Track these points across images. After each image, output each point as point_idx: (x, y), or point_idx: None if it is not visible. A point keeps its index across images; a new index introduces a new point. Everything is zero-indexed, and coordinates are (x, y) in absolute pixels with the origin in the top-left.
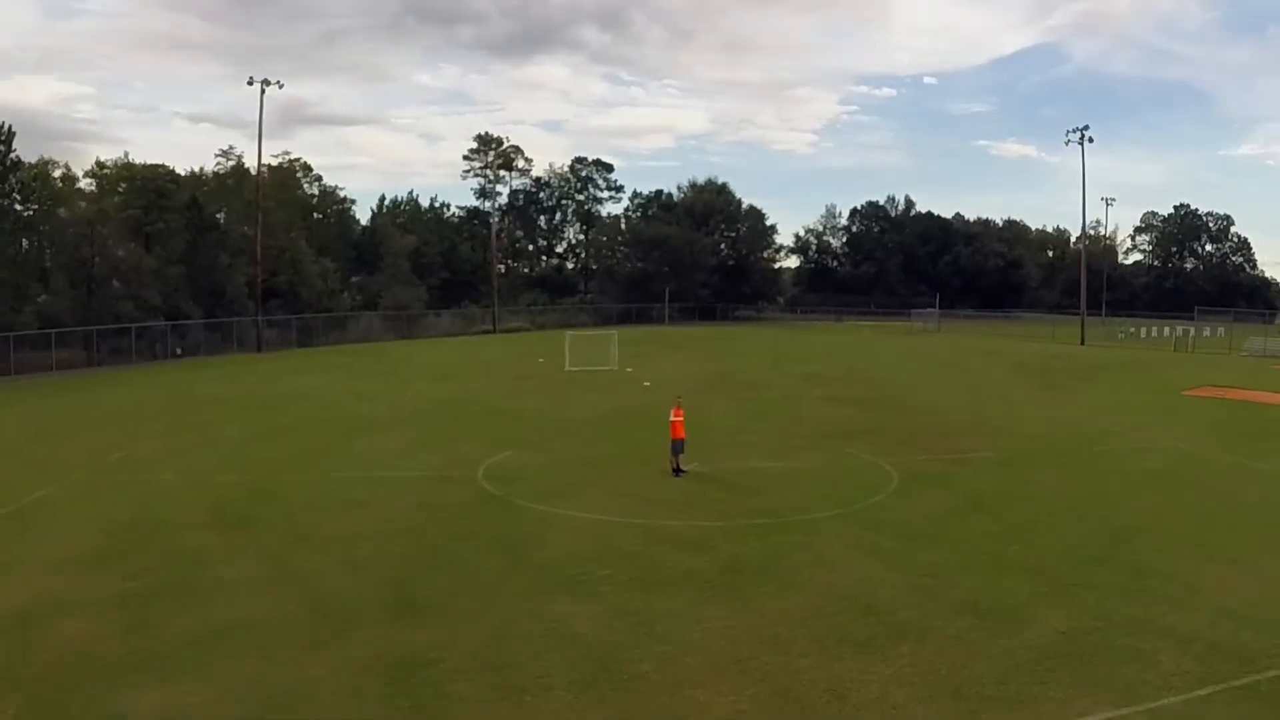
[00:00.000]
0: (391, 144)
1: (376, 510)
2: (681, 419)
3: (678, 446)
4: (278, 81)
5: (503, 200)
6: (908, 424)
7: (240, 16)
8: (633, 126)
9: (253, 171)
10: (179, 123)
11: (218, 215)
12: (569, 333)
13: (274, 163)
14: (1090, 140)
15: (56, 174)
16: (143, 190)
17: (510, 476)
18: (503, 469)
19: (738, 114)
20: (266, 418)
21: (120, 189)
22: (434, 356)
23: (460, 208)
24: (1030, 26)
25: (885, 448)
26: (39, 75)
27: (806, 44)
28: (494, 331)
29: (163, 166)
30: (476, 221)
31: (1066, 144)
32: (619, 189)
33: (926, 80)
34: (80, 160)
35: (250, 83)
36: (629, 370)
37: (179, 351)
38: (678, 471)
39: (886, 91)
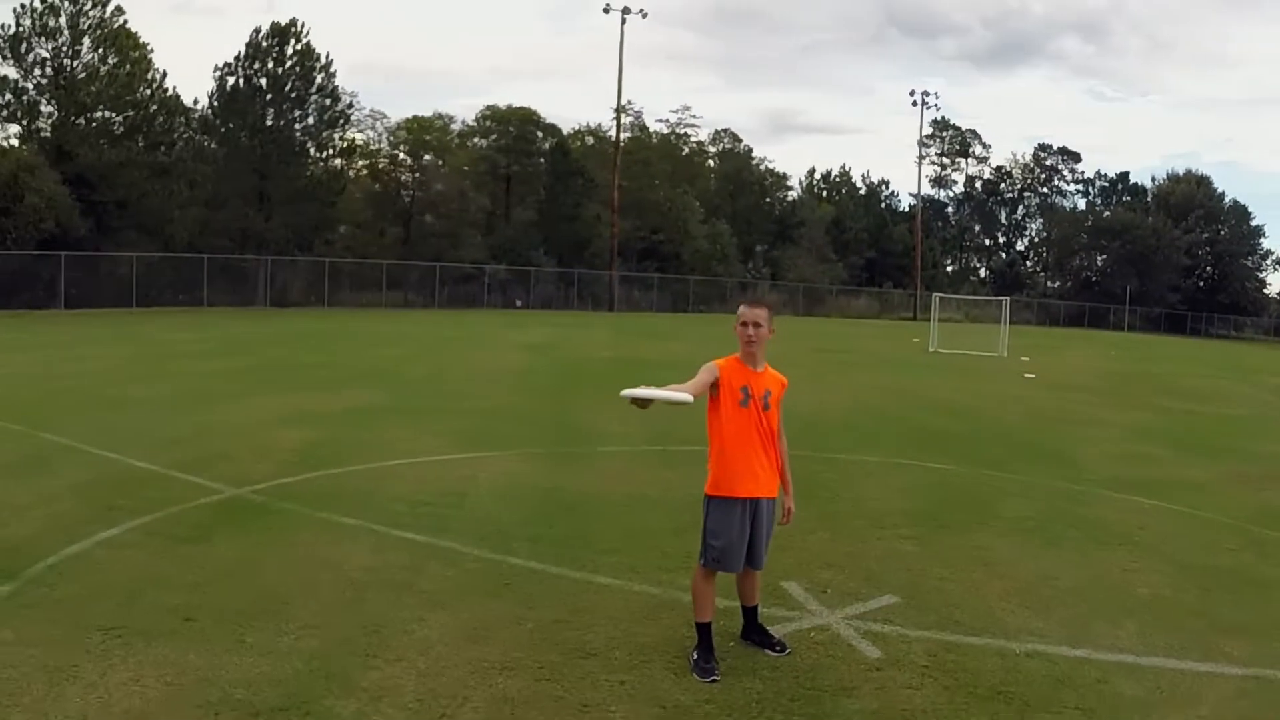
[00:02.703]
0: (873, 153)
1: None
2: (768, 421)
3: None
4: (640, 11)
5: (959, 189)
6: None
7: (729, 30)
8: (1114, 143)
9: (650, 130)
10: (660, 129)
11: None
12: (937, 295)
13: (672, 117)
14: None
15: (454, 127)
16: (503, 133)
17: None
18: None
19: (1221, 132)
20: (311, 353)
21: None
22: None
23: (910, 194)
24: None
25: None
26: (544, 82)
27: None
28: (914, 319)
29: (527, 109)
30: (930, 209)
31: None
32: (1087, 182)
33: None
34: None
35: (607, 10)
36: (1024, 359)
37: (519, 303)
38: (753, 636)
39: None
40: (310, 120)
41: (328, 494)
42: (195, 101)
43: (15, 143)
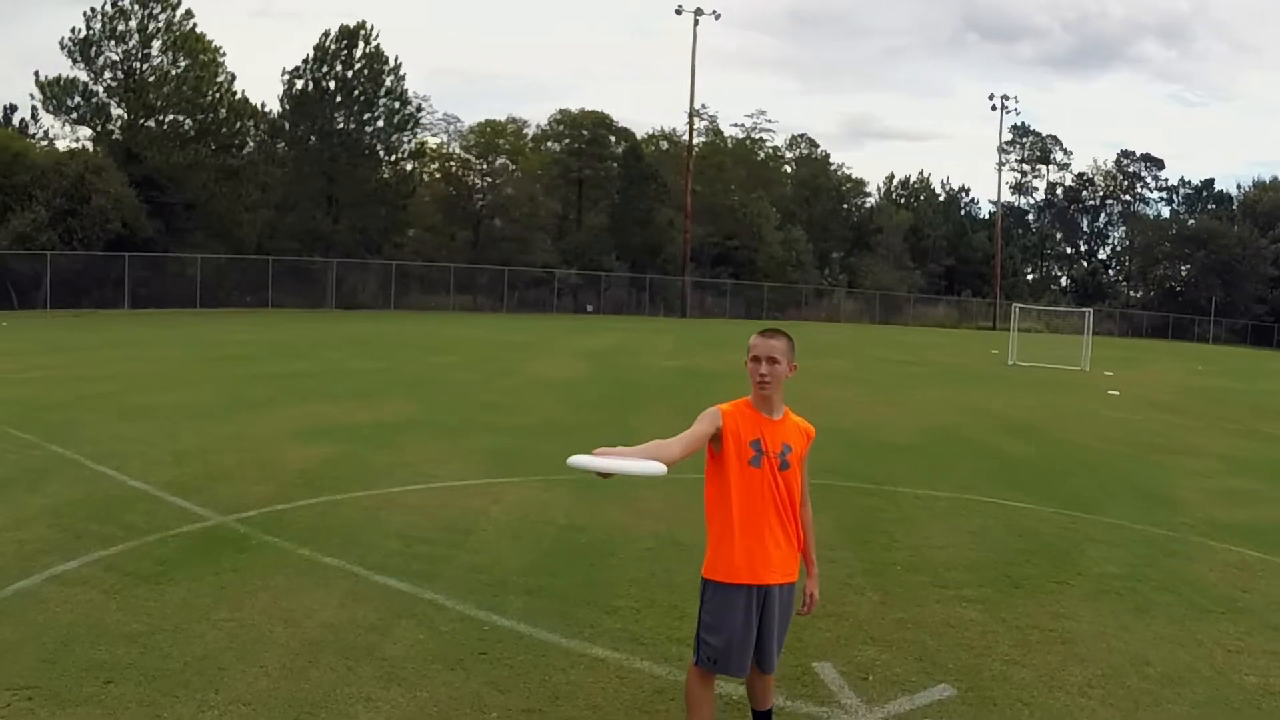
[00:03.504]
0: (952, 159)
1: None
2: (786, 485)
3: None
4: (714, 12)
5: (1040, 196)
6: None
7: (807, 34)
8: (1198, 149)
9: (725, 135)
10: (735, 133)
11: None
12: (1016, 305)
13: (748, 122)
14: None
15: (528, 131)
16: (575, 136)
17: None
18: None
19: None
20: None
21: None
22: (833, 337)
23: (990, 201)
24: None
25: None
26: (619, 86)
27: None
28: (993, 328)
29: (599, 113)
30: (1010, 217)
31: None
32: (1170, 189)
33: None
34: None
35: (679, 12)
36: (1107, 374)
37: (590, 308)
38: None
39: None
40: (380, 123)
41: (319, 525)
42: (263, 105)
43: (90, 146)
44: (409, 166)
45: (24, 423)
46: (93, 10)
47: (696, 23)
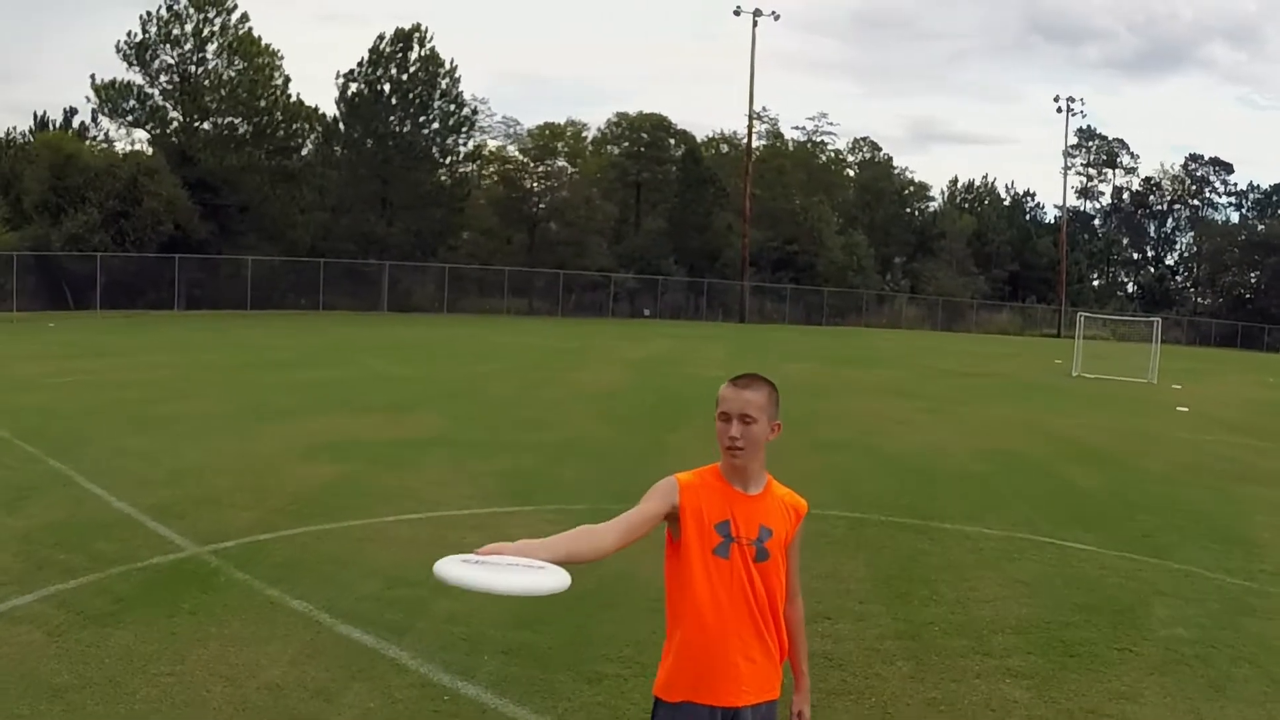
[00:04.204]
0: (1017, 163)
1: None
2: (764, 581)
3: None
4: (773, 13)
5: (1106, 200)
6: None
7: (870, 36)
8: (1268, 153)
9: (785, 138)
10: (796, 136)
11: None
12: (1081, 313)
13: (809, 125)
14: None
15: (586, 134)
16: (634, 139)
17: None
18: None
19: None
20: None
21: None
22: (895, 345)
23: (1055, 206)
24: None
25: None
26: (681, 88)
27: None
28: (1058, 335)
29: (658, 115)
30: (1076, 222)
31: None
32: (1240, 194)
33: None
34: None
35: (737, 13)
36: (1175, 387)
37: (647, 312)
38: None
39: None
40: (435, 126)
41: (296, 560)
42: (316, 108)
43: (149, 150)
44: (466, 169)
45: (34, 434)
46: (148, 14)
47: (755, 24)
